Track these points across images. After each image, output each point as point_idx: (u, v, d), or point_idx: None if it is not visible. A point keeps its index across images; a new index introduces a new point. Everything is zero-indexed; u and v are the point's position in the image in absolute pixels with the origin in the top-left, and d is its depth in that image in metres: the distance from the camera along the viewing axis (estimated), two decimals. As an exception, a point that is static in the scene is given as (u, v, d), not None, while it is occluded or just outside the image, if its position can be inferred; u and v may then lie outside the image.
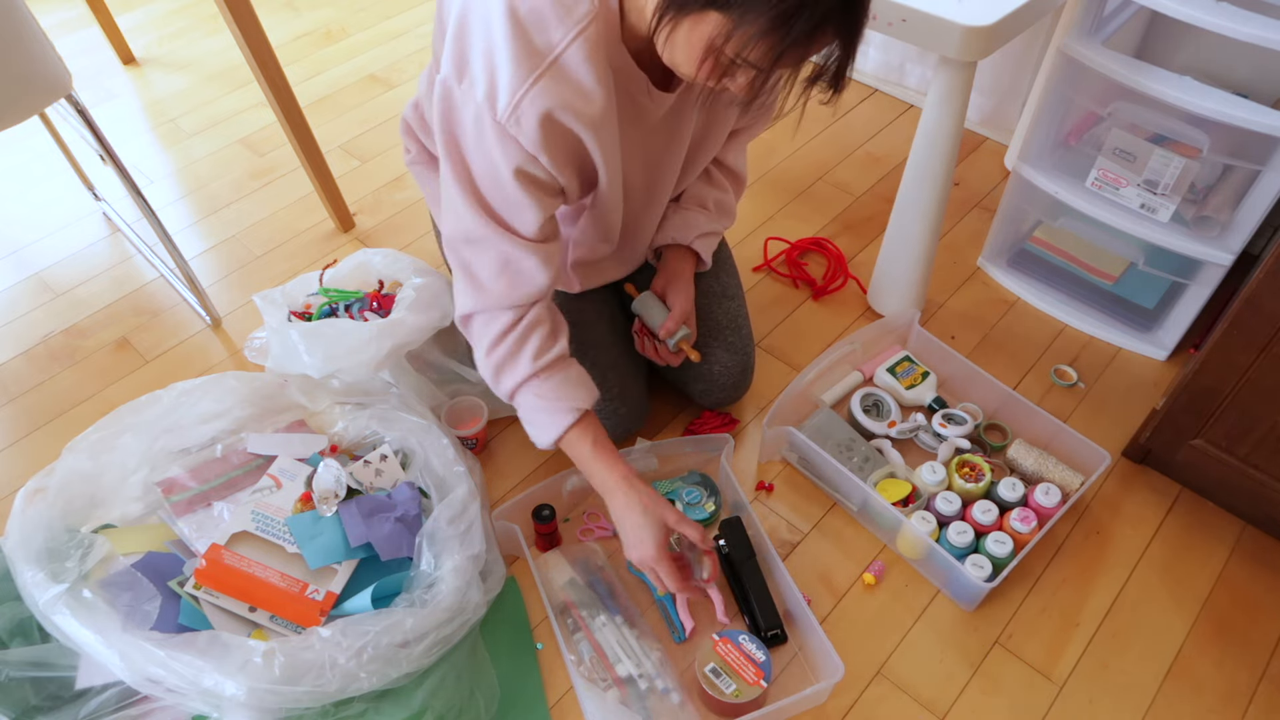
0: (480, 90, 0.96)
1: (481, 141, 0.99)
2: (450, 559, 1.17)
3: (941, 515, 1.29)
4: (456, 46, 0.97)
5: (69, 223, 1.85)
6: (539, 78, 0.94)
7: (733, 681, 1.13)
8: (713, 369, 1.38)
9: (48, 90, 1.33)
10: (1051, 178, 1.49)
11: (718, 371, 1.38)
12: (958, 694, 1.19)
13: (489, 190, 1.04)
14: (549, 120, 0.97)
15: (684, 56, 0.91)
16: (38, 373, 1.59)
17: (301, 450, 1.32)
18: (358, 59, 2.31)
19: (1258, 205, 1.33)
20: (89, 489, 1.25)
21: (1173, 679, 1.20)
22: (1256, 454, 1.24)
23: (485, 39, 0.94)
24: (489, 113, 0.96)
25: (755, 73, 0.88)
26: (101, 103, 2.17)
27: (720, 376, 1.39)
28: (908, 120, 2.06)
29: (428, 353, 1.44)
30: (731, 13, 0.83)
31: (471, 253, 1.09)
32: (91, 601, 1.10)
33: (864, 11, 0.86)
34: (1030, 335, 1.62)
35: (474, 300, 1.12)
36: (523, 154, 0.99)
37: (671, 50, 0.91)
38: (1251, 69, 1.50)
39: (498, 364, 1.14)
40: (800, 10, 0.81)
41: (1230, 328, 1.15)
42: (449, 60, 0.97)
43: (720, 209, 1.38)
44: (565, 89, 0.95)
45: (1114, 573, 1.30)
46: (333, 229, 1.84)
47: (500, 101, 0.95)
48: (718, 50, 0.87)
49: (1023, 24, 1.25)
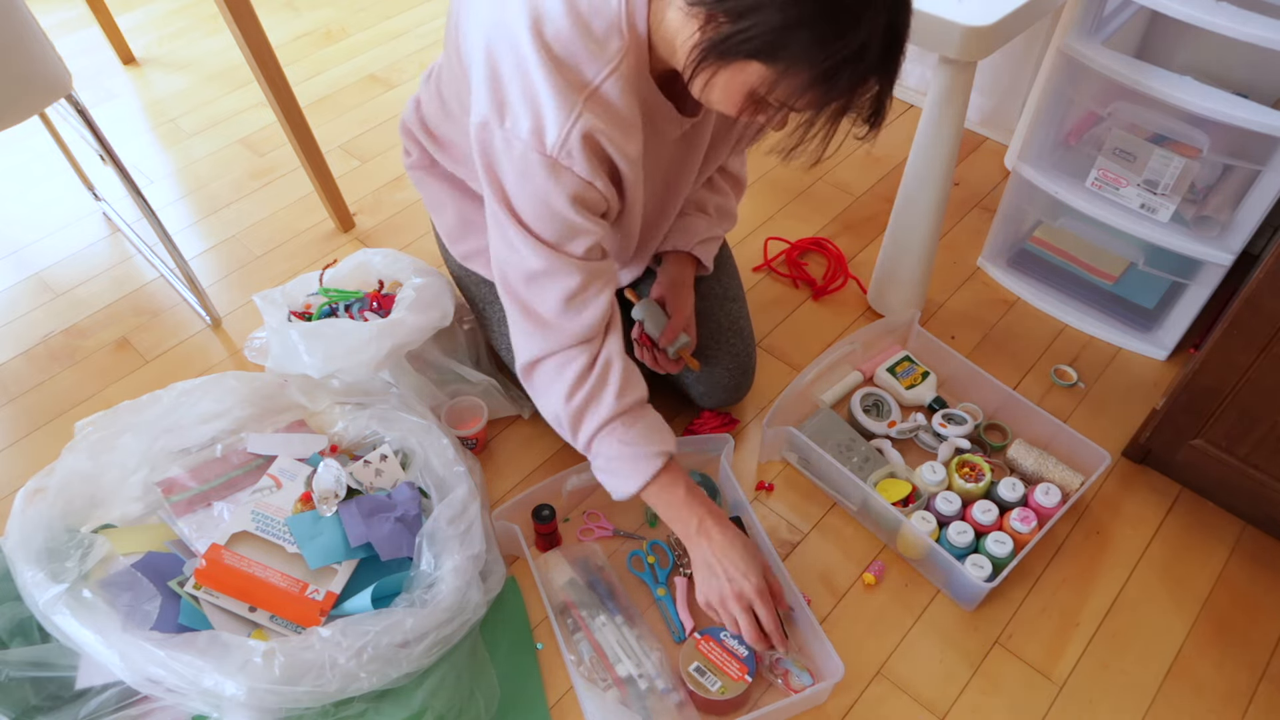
0: (525, 127, 0.95)
1: (532, 178, 0.98)
2: (450, 559, 1.17)
3: (941, 515, 1.29)
4: (491, 87, 0.95)
5: (69, 223, 1.85)
6: (584, 109, 0.94)
7: (717, 679, 1.13)
8: (714, 371, 1.38)
9: (48, 90, 1.33)
10: (1051, 178, 1.49)
11: (719, 374, 1.38)
12: (958, 694, 1.19)
13: (543, 224, 1.02)
14: (594, 146, 0.97)
15: (722, 99, 0.91)
16: (38, 373, 1.59)
17: (301, 450, 1.32)
18: (358, 59, 2.31)
19: (1258, 205, 1.33)
20: (89, 489, 1.25)
21: (1173, 679, 1.20)
22: (1256, 454, 1.24)
23: (521, 77, 0.93)
24: (537, 149, 0.95)
25: (797, 114, 0.89)
26: (101, 103, 2.17)
27: (721, 378, 1.39)
28: (908, 120, 2.06)
29: (428, 353, 1.44)
30: (776, 65, 0.84)
31: (533, 291, 1.06)
32: (91, 601, 1.10)
33: (903, 56, 0.86)
34: (1030, 335, 1.62)
35: (542, 342, 1.08)
36: (578, 182, 0.98)
37: (709, 93, 0.92)
38: (1251, 69, 1.50)
39: (578, 408, 1.10)
40: (845, 66, 0.82)
41: (1230, 328, 1.15)
42: (485, 102, 0.96)
43: (721, 213, 1.38)
44: (605, 119, 0.96)
45: (1114, 573, 1.30)
46: (333, 229, 1.84)
47: (549, 136, 0.94)
48: (760, 98, 0.87)
49: (1023, 24, 1.25)
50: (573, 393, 1.09)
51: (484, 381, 1.45)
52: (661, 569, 1.28)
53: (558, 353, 1.09)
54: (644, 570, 1.28)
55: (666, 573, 1.28)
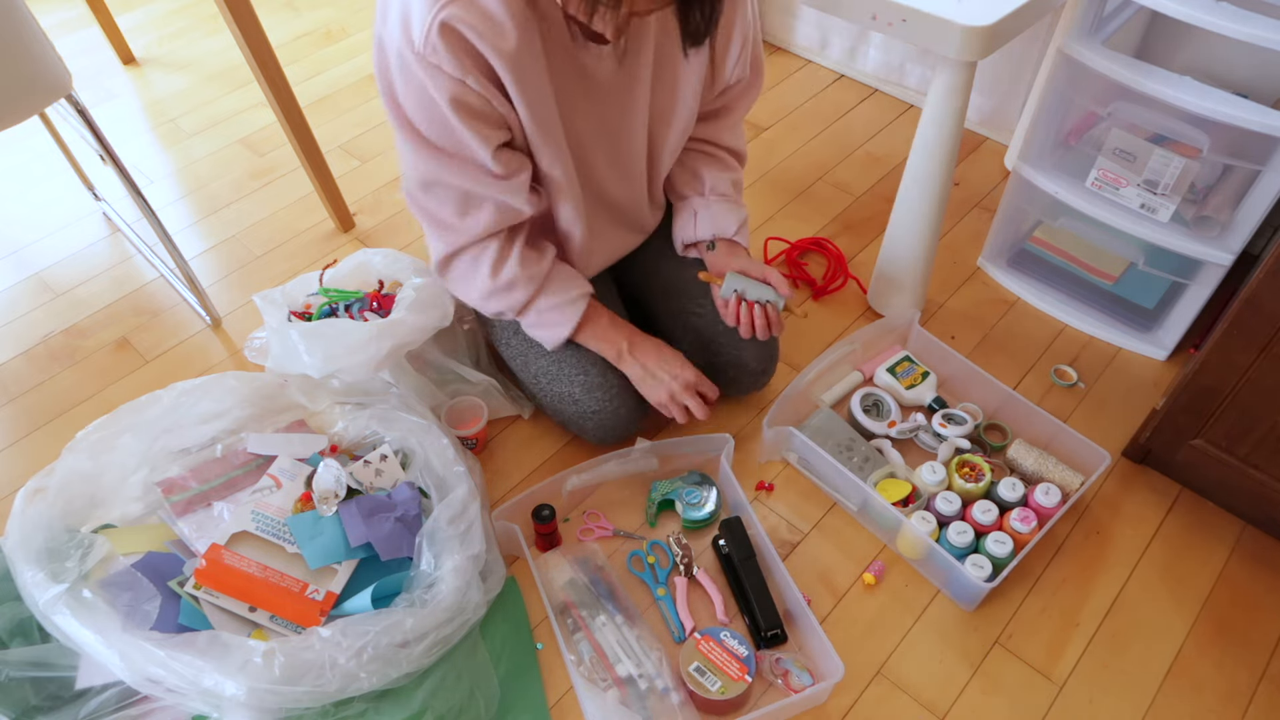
0: (397, 28, 0.99)
1: (411, 80, 1.03)
2: (450, 559, 1.17)
3: (941, 515, 1.29)
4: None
5: (69, 223, 1.85)
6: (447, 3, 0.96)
7: (717, 679, 1.13)
8: (742, 355, 1.39)
9: (48, 90, 1.33)
10: (1051, 178, 1.49)
11: (748, 358, 1.39)
12: (958, 694, 1.19)
13: (432, 130, 1.07)
14: (461, 41, 0.99)
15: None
16: (38, 373, 1.59)
17: (301, 450, 1.32)
18: (358, 59, 2.31)
19: (1258, 205, 1.32)
20: (89, 489, 1.25)
21: (1173, 679, 1.20)
22: (1256, 454, 1.24)
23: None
24: (409, 48, 0.99)
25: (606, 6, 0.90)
26: (101, 103, 2.17)
27: (751, 363, 1.40)
28: (908, 120, 2.06)
29: (428, 353, 1.44)
30: None
31: (431, 198, 1.14)
32: (91, 601, 1.10)
33: None
34: (1030, 335, 1.62)
35: (450, 241, 1.18)
36: (451, 81, 1.01)
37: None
38: (1251, 69, 1.50)
39: (505, 284, 1.21)
40: None
41: (1230, 328, 1.15)
42: (378, 11, 1.02)
43: (737, 188, 1.43)
44: (472, 14, 0.98)
45: (1114, 573, 1.31)
46: (333, 229, 1.84)
47: (415, 32, 0.98)
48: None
49: (1023, 24, 1.25)
50: (495, 273, 1.21)
51: (484, 381, 1.45)
52: (661, 569, 1.28)
53: (468, 248, 1.20)
54: (644, 570, 1.28)
55: (666, 573, 1.28)
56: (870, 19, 1.25)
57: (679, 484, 1.36)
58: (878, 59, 2.12)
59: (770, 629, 1.20)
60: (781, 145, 2.01)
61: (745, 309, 1.31)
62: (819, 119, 2.07)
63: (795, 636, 1.22)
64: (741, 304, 1.30)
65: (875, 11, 1.24)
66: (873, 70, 2.15)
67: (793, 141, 2.02)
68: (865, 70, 2.16)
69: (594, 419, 1.33)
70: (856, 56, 2.15)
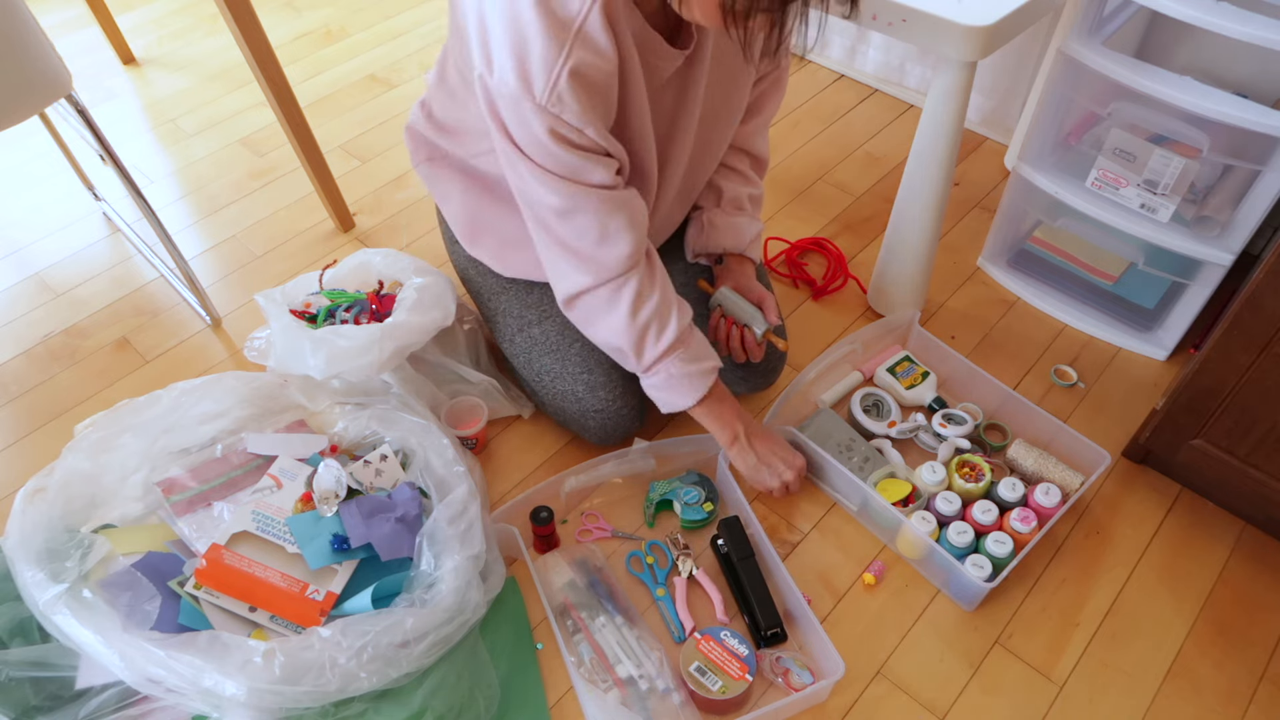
0: (511, 76, 0.97)
1: (527, 125, 1.01)
2: (450, 559, 1.17)
3: (941, 515, 1.29)
4: (481, 40, 0.99)
5: (69, 223, 1.85)
6: (570, 51, 0.95)
7: (718, 678, 1.13)
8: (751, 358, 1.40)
9: (48, 90, 1.33)
10: (1051, 178, 1.49)
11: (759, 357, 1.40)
12: (958, 694, 1.19)
13: (551, 162, 1.05)
14: (585, 85, 0.98)
15: (702, 13, 0.94)
16: (38, 373, 1.59)
17: (301, 450, 1.32)
18: (358, 59, 2.31)
19: (1258, 205, 1.33)
20: (89, 489, 1.25)
21: (1173, 679, 1.20)
22: (1256, 454, 1.24)
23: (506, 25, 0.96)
24: (528, 99, 0.97)
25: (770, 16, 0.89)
26: (101, 103, 2.17)
27: (761, 363, 1.42)
28: (908, 120, 2.06)
29: (428, 353, 1.44)
30: None
31: (566, 226, 1.10)
32: (91, 601, 1.10)
33: None
34: (1030, 335, 1.62)
35: (584, 275, 1.13)
36: (568, 128, 1.00)
37: (689, 9, 0.95)
38: (1251, 69, 1.50)
39: (640, 333, 1.16)
40: None
41: (1230, 328, 1.15)
42: (479, 55, 1.00)
43: (755, 205, 1.43)
44: (590, 51, 0.97)
45: (1114, 572, 1.31)
46: (333, 229, 1.84)
47: (537, 84, 0.96)
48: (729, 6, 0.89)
49: (1023, 24, 1.25)
50: (633, 318, 1.14)
51: (484, 381, 1.45)
52: (660, 569, 1.28)
53: (606, 283, 1.13)
54: (643, 571, 1.28)
55: (666, 573, 1.28)
56: (870, 19, 1.25)
57: (677, 484, 1.36)
58: (878, 59, 2.12)
59: (770, 627, 1.20)
60: (781, 145, 2.01)
61: (724, 325, 1.35)
62: (819, 119, 2.07)
63: (795, 635, 1.22)
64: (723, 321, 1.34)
65: (875, 11, 1.24)
66: (873, 70, 2.15)
67: (793, 141, 2.02)
68: (865, 70, 2.16)
69: (596, 418, 1.33)
70: (856, 56, 2.15)
